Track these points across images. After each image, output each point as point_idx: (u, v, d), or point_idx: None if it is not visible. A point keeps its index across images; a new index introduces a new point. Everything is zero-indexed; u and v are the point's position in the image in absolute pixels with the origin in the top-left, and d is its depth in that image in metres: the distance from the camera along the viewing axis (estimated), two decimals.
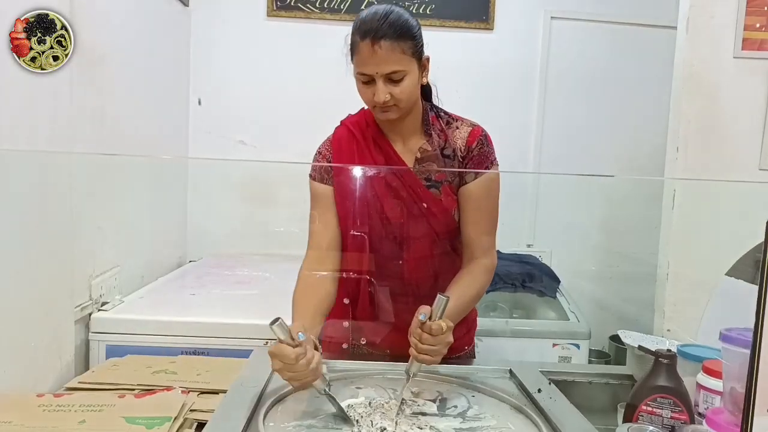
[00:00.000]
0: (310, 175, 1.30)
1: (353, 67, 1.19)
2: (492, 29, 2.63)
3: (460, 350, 1.36)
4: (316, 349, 1.02)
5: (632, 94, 2.68)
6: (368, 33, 1.13)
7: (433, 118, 1.28)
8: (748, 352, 0.63)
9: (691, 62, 1.74)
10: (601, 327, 2.37)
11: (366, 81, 1.17)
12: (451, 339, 1.07)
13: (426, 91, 1.29)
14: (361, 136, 1.28)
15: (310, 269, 1.25)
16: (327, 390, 1.00)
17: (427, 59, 1.22)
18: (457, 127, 1.28)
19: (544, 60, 2.67)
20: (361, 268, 1.29)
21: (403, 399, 1.05)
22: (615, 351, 2.46)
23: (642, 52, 2.64)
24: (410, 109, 1.23)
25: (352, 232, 1.27)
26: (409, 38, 1.15)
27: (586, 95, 2.69)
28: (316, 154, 1.31)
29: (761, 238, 0.61)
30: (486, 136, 1.27)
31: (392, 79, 1.15)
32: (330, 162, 1.28)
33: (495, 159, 1.27)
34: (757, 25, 1.68)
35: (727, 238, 1.56)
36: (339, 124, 1.33)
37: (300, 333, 0.97)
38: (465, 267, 1.26)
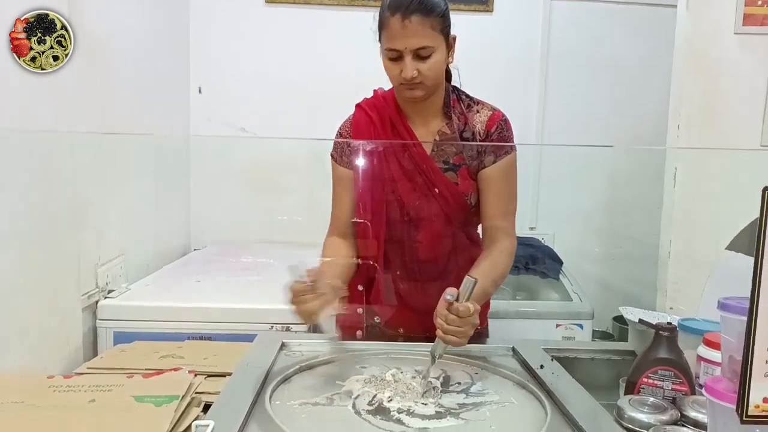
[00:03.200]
0: (332, 155, 1.33)
1: (381, 44, 1.19)
2: (491, 11, 2.62)
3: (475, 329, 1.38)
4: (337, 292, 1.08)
5: (634, 73, 2.66)
6: (399, 8, 1.14)
7: (454, 100, 1.29)
8: (745, 319, 0.64)
9: (692, 39, 1.73)
10: (604, 307, 2.38)
11: (394, 57, 1.17)
12: (477, 321, 1.07)
13: (447, 73, 1.29)
14: (378, 119, 1.28)
15: (333, 246, 1.30)
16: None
17: (454, 38, 1.22)
18: (478, 111, 1.29)
19: (545, 41, 2.65)
20: (376, 248, 1.30)
21: (429, 381, 1.05)
22: (618, 331, 2.47)
23: (643, 31, 2.62)
24: (436, 88, 1.24)
25: (366, 214, 1.29)
26: (438, 15, 1.16)
27: (587, 76, 2.68)
28: (337, 135, 1.34)
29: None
30: (506, 121, 1.29)
31: (420, 55, 1.16)
32: (350, 144, 1.30)
33: (514, 144, 1.28)
34: (759, 1, 1.67)
35: (728, 218, 1.56)
36: (355, 107, 1.34)
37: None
38: (486, 250, 1.27)
